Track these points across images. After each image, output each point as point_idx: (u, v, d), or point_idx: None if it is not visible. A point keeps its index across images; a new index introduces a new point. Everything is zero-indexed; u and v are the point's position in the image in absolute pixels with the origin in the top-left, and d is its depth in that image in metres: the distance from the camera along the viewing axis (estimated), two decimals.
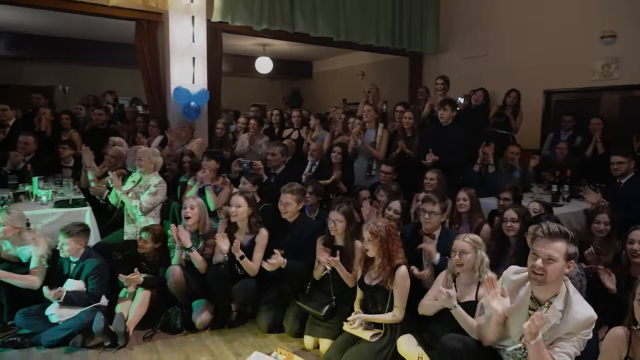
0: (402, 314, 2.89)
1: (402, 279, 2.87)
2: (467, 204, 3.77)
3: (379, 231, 2.87)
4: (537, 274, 2.02)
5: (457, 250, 2.75)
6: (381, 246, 2.86)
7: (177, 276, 3.42)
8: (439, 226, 3.30)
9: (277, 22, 6.17)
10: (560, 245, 2.02)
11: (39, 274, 3.36)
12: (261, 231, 3.56)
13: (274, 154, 4.77)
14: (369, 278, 3.02)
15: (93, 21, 6.68)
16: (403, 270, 2.88)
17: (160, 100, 6.03)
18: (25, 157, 4.89)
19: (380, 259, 2.90)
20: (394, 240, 2.92)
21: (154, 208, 4.04)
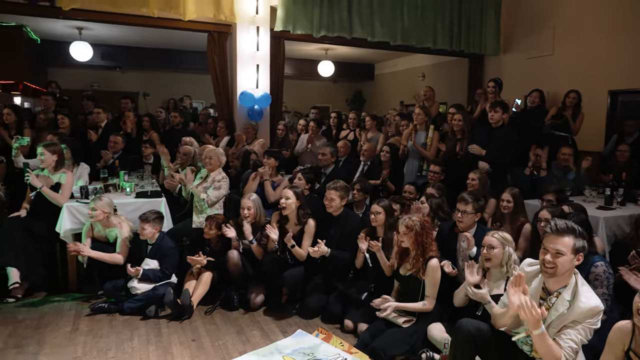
0: (432, 304, 3.10)
1: (433, 271, 3.08)
2: (510, 206, 3.85)
3: (414, 225, 3.10)
4: (548, 267, 2.17)
5: (485, 245, 2.92)
6: (415, 239, 3.10)
7: (234, 260, 3.89)
8: (472, 225, 3.45)
9: (336, 28, 6.50)
10: (567, 241, 2.14)
11: (123, 253, 3.98)
12: (309, 222, 3.93)
13: (324, 154, 5.14)
14: (403, 269, 3.27)
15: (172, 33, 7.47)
16: (434, 263, 3.09)
17: (227, 103, 6.61)
18: (114, 154, 5.65)
19: (414, 251, 3.13)
20: (428, 234, 3.14)
21: (218, 201, 4.55)
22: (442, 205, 3.99)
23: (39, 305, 3.88)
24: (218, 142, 6.44)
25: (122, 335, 3.38)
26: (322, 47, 9.24)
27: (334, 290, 3.74)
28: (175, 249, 4.01)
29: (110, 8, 5.40)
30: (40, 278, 4.08)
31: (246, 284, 3.98)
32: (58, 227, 4.08)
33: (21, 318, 3.65)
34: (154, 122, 6.86)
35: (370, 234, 3.61)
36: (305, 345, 3.21)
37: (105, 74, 10.46)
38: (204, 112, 8.16)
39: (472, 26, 7.45)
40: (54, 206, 4.17)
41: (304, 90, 11.84)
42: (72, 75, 10.03)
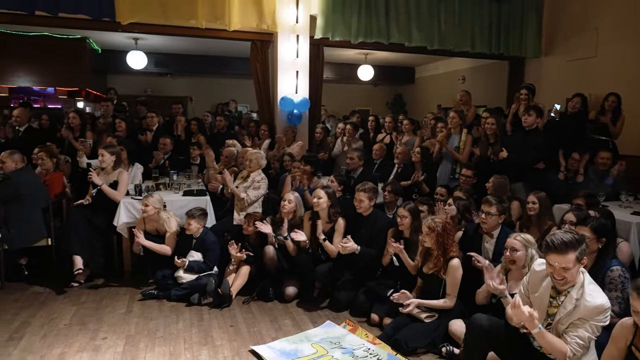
0: (452, 301, 3.26)
1: (454, 270, 3.24)
2: (536, 207, 3.92)
3: (436, 226, 3.27)
4: (558, 280, 2.29)
5: (508, 247, 3.05)
6: (437, 240, 3.26)
7: (270, 255, 4.19)
8: (497, 226, 3.56)
9: (373, 35, 6.71)
10: (570, 256, 2.24)
11: (170, 245, 4.38)
12: (339, 220, 4.17)
13: (351, 158, 5.36)
14: (426, 268, 3.43)
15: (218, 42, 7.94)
16: (455, 262, 3.25)
17: (269, 108, 6.97)
18: (164, 155, 6.13)
19: (436, 251, 3.29)
20: (449, 236, 3.29)
21: (257, 200, 4.88)
22: (469, 208, 4.11)
23: (99, 290, 4.35)
24: (260, 145, 6.81)
25: (169, 318, 3.76)
26: (361, 51, 9.44)
27: (362, 286, 3.95)
28: (217, 243, 4.37)
29: (163, 21, 5.88)
30: (99, 266, 4.55)
31: (281, 277, 4.26)
32: (115, 220, 4.54)
33: (83, 300, 4.12)
34: (201, 125, 7.32)
35: (397, 234, 3.80)
36: (332, 335, 3.45)
37: (157, 80, 11.17)
38: (246, 116, 8.57)
39: (512, 29, 7.42)
40: (112, 202, 4.63)
41: (344, 94, 12.07)
42: (128, 81, 10.79)
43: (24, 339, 3.38)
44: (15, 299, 4.14)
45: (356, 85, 12.18)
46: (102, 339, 3.40)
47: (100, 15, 5.65)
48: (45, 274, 4.58)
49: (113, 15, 5.66)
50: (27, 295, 4.22)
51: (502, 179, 4.49)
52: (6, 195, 4.32)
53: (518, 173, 5.03)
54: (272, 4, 6.26)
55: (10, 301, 4.08)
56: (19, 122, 6.33)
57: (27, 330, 3.52)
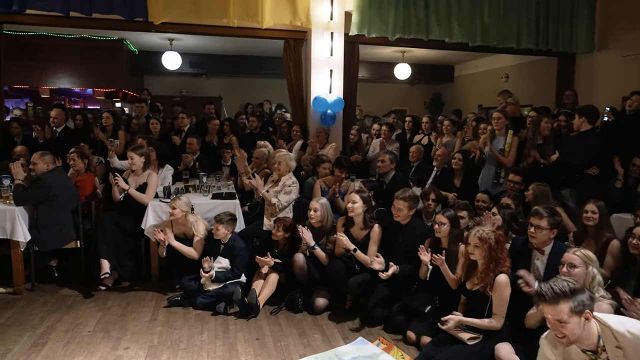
0: (500, 322, 2.92)
1: (502, 287, 2.91)
2: (596, 218, 3.52)
3: (489, 238, 2.94)
4: (560, 338, 2.01)
5: (565, 263, 2.70)
6: (488, 253, 2.94)
7: (300, 263, 3.96)
8: (548, 242, 3.18)
9: (412, 30, 6.37)
10: (562, 307, 1.97)
11: (197, 249, 4.24)
12: (374, 227, 3.90)
13: (383, 160, 5.05)
14: (470, 283, 3.11)
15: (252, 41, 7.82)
16: (503, 279, 2.91)
17: (302, 108, 6.76)
18: (193, 156, 6.02)
19: (485, 266, 2.96)
20: (502, 249, 2.96)
21: (288, 205, 4.67)
22: (516, 217, 3.75)
23: (125, 295, 4.27)
24: (292, 146, 6.62)
25: (193, 328, 3.60)
26: (398, 49, 9.11)
27: (398, 300, 3.66)
28: (245, 249, 4.19)
29: (195, 20, 5.78)
30: (127, 270, 4.47)
31: (311, 287, 4.04)
32: (143, 223, 4.45)
33: (109, 305, 4.03)
34: (234, 126, 7.20)
35: (434, 244, 3.50)
36: (364, 354, 3.19)
37: (192, 80, 11.21)
38: (279, 117, 8.41)
39: (562, 22, 6.90)
40: (140, 205, 4.53)
41: (380, 93, 11.75)
42: (163, 82, 10.88)
43: (47, 345, 3.31)
44: (45, 301, 4.10)
45: (393, 85, 11.84)
46: (124, 348, 3.28)
47: (133, 15, 5.60)
48: (75, 276, 4.54)
49: (146, 15, 5.59)
50: (56, 298, 4.19)
51: (543, 187, 4.09)
52: (38, 196, 4.30)
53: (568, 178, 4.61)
54: (306, 0, 6.05)
55: (40, 304, 4.04)
56: (56, 122, 6.39)
57: (52, 336, 3.45)
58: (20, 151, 5.45)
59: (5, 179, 4.73)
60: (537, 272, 3.16)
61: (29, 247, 4.27)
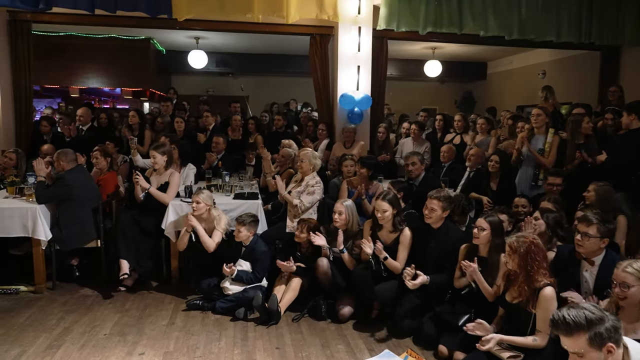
0: (545, 340, 2.62)
1: (547, 302, 2.60)
2: None
3: (519, 246, 2.66)
4: None
5: (617, 282, 2.38)
6: (520, 263, 2.65)
7: (323, 268, 3.75)
8: (598, 251, 2.85)
9: (444, 24, 6.06)
10: (578, 339, 1.73)
11: (216, 241, 4.06)
12: (404, 231, 3.64)
13: (413, 163, 4.77)
14: (510, 295, 2.82)
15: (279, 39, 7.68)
16: (549, 292, 2.61)
17: (328, 106, 6.55)
18: (218, 155, 5.91)
19: (521, 276, 2.68)
20: (535, 259, 2.65)
21: (312, 206, 4.47)
22: (560, 222, 3.42)
23: (144, 296, 4.16)
24: (318, 145, 6.42)
25: (211, 334, 3.44)
26: (428, 46, 8.79)
27: (429, 311, 3.40)
28: (267, 253, 4.01)
29: (219, 16, 5.65)
30: (147, 271, 4.36)
31: (335, 294, 3.82)
32: (163, 223, 4.33)
33: (128, 307, 3.92)
34: (259, 125, 7.06)
35: (471, 251, 3.22)
36: None
37: (219, 79, 11.17)
38: (305, 115, 8.22)
39: (606, 13, 6.42)
40: (161, 204, 4.42)
41: (409, 92, 11.45)
42: (190, 81, 10.91)
43: (62, 348, 3.21)
44: (64, 301, 4.04)
45: (422, 83, 11.49)
46: (139, 354, 3.15)
47: (157, 12, 5.52)
48: (96, 276, 4.47)
49: (170, 12, 5.50)
50: (76, 298, 4.12)
51: (607, 187, 3.71)
52: (59, 195, 4.25)
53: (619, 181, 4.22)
54: None
55: (59, 304, 3.98)
56: (82, 121, 6.40)
57: (67, 338, 3.35)
58: (47, 149, 5.45)
59: (30, 176, 4.72)
60: (586, 285, 2.85)
61: (50, 245, 4.23)
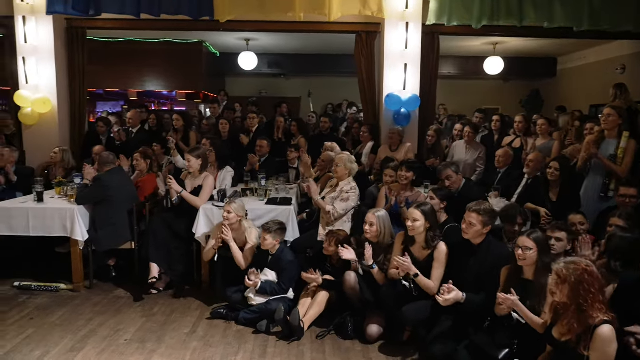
0: None
1: (604, 343, 2.15)
2: None
3: (568, 275, 2.22)
4: None
5: None
6: (570, 295, 2.22)
7: (350, 283, 3.47)
8: None
9: (502, 16, 5.53)
10: None
11: (248, 257, 3.93)
12: (439, 246, 3.28)
13: (448, 177, 4.35)
14: (558, 331, 2.38)
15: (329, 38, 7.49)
16: (606, 332, 2.15)
17: (373, 107, 6.24)
18: (261, 158, 5.80)
19: (570, 310, 2.24)
20: (590, 290, 2.20)
21: (346, 214, 4.20)
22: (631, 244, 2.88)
23: (172, 301, 4.11)
24: (362, 149, 6.13)
25: (229, 347, 3.29)
26: (489, 41, 8.16)
27: (465, 338, 3.00)
28: (294, 262, 3.80)
29: (260, 16, 5.55)
30: (177, 275, 4.31)
31: (364, 311, 3.52)
32: (194, 228, 4.26)
33: (155, 311, 3.89)
34: (302, 126, 6.88)
35: (514, 274, 2.79)
36: None
37: (271, 81, 11.18)
38: (351, 116, 7.93)
39: None
40: (194, 207, 4.36)
41: (468, 90, 10.76)
42: (244, 83, 11.01)
43: (83, 352, 3.20)
44: (97, 301, 4.09)
45: (483, 82, 10.76)
46: None
47: (200, 15, 5.52)
48: (131, 277, 4.50)
49: (212, 14, 5.49)
50: (109, 299, 4.15)
51: None
52: (96, 196, 4.32)
53: None
54: None
55: (92, 304, 4.03)
56: (131, 123, 6.60)
57: (90, 341, 3.35)
58: (98, 151, 5.62)
59: (77, 177, 4.88)
60: None
61: (88, 246, 4.30)
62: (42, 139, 5.89)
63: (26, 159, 5.98)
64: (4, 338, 3.39)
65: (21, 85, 5.82)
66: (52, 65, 5.86)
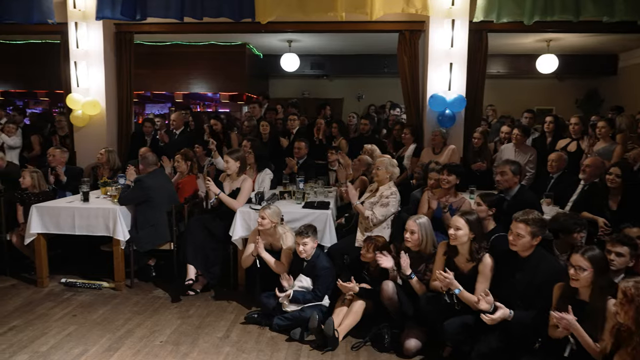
0: None
1: None
2: None
3: (636, 295, 1.97)
4: None
5: None
6: (636, 317, 1.97)
7: (388, 292, 3.31)
8: None
9: (556, 10, 5.18)
10: None
11: (284, 264, 3.87)
12: (484, 259, 3.06)
13: (503, 173, 3.98)
14: (621, 357, 2.13)
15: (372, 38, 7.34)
16: None
17: (417, 108, 6.02)
18: (299, 160, 5.73)
19: (636, 335, 2.00)
20: None
21: (385, 219, 4.04)
22: None
23: (209, 303, 4.11)
24: (404, 151, 5.93)
25: (262, 354, 3.23)
26: (542, 38, 7.69)
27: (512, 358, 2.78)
28: (330, 269, 3.69)
29: (301, 16, 5.47)
30: (214, 277, 4.31)
31: (402, 323, 3.36)
32: (231, 230, 4.24)
33: (191, 313, 3.89)
34: (343, 128, 6.76)
35: (567, 294, 2.53)
36: None
37: (314, 82, 11.12)
38: (393, 118, 7.72)
39: None
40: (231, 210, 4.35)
41: (519, 90, 10.24)
42: (287, 84, 11.02)
43: (119, 352, 3.24)
44: (137, 301, 4.15)
45: (535, 81, 10.20)
46: None
47: (241, 17, 5.53)
48: (170, 277, 4.55)
49: (253, 15, 5.48)
50: (148, 298, 4.21)
51: None
52: (137, 197, 4.40)
53: None
54: None
55: (131, 303, 4.10)
56: (175, 125, 6.71)
57: (127, 342, 3.39)
58: (143, 152, 5.74)
59: (121, 177, 5.01)
60: None
61: (129, 245, 4.39)
62: (91, 140, 6.11)
63: (76, 159, 6.22)
64: (48, 334, 3.50)
65: (73, 88, 6.06)
66: (101, 69, 6.06)
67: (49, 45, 8.04)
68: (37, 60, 8.58)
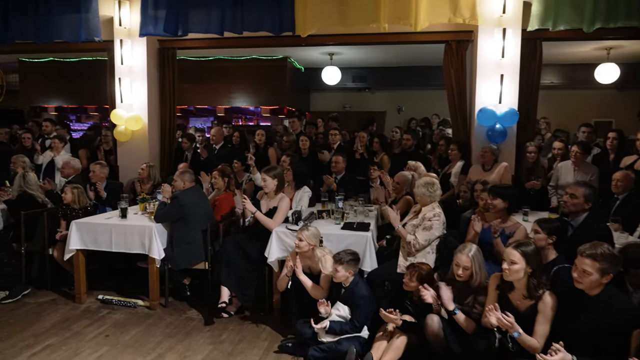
0: None
1: None
2: None
3: None
4: None
5: None
6: None
7: (433, 328, 3.01)
8: None
9: (620, 16, 4.75)
10: None
11: (325, 287, 3.65)
12: (545, 297, 2.70)
13: (573, 195, 3.55)
14: None
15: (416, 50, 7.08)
16: None
17: (463, 122, 5.68)
18: (337, 176, 5.53)
19: None
20: None
21: (429, 244, 3.74)
22: None
23: (242, 327, 3.95)
24: (450, 168, 5.60)
25: None
26: (601, 45, 7.17)
27: None
28: (369, 298, 3.44)
29: (342, 28, 5.31)
30: (249, 299, 4.15)
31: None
32: (266, 251, 4.08)
33: (223, 338, 3.74)
34: (385, 143, 6.50)
35: None
36: None
37: (355, 95, 10.94)
38: (438, 133, 7.37)
39: None
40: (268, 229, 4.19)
41: (576, 102, 9.61)
42: (328, 97, 10.91)
43: None
44: (170, 322, 4.05)
45: (593, 91, 9.53)
46: None
47: (281, 30, 5.44)
48: (205, 296, 4.43)
49: (293, 29, 5.37)
50: (181, 320, 4.10)
51: None
52: (173, 214, 4.33)
53: None
54: None
55: (164, 324, 4.00)
56: (214, 140, 6.71)
57: None
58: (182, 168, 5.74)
59: (159, 193, 4.98)
60: None
61: (164, 263, 4.32)
62: (134, 156, 6.17)
63: (119, 174, 6.31)
64: (80, 355, 3.45)
65: (117, 104, 6.17)
66: (144, 85, 6.13)
67: (99, 62, 8.34)
68: (88, 77, 8.92)
